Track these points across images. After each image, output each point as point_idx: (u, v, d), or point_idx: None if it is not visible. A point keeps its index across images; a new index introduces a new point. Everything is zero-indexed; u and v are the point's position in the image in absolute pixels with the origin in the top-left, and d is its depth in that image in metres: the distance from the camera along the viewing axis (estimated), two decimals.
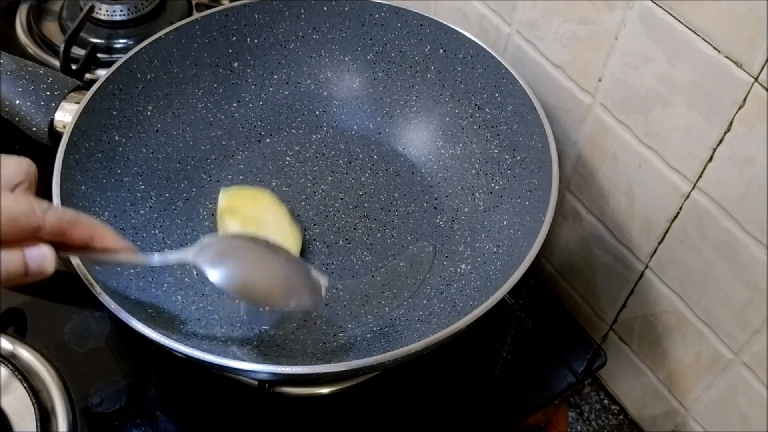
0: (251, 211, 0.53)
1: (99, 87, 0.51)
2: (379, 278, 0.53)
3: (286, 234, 0.52)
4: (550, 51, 0.51)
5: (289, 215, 0.54)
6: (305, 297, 0.43)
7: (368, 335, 0.50)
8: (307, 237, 0.55)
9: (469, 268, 0.52)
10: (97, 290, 0.41)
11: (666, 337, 0.51)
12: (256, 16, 0.58)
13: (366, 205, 0.57)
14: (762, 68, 0.37)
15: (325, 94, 0.62)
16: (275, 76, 0.61)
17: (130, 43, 0.69)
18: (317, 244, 0.55)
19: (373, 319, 0.51)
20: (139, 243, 0.51)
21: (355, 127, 0.62)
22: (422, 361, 0.43)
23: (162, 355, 0.53)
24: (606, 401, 0.59)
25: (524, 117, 0.52)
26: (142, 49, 0.54)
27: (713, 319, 0.46)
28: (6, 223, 0.33)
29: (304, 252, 0.54)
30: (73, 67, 0.64)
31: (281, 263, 0.43)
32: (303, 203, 0.57)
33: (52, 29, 0.73)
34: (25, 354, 0.51)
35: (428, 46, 0.58)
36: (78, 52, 0.66)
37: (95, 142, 0.51)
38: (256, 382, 0.47)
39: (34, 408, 0.47)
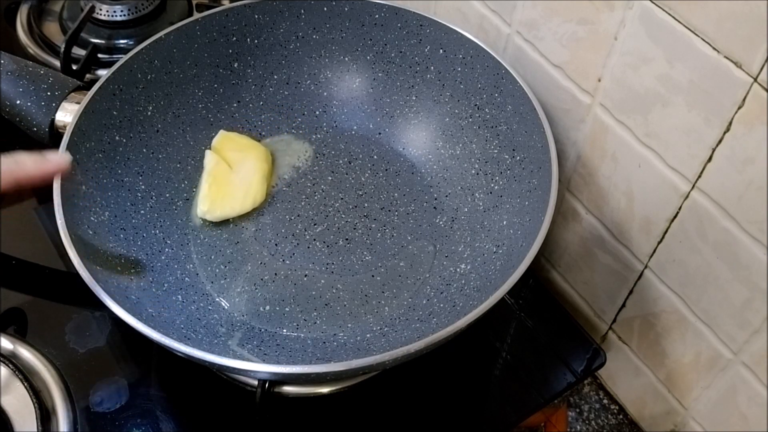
0: (233, 155, 0.57)
1: (99, 87, 0.51)
2: (379, 278, 0.53)
3: (251, 187, 0.57)
4: (550, 51, 0.51)
5: (266, 173, 0.58)
6: None
7: (368, 335, 0.50)
8: (307, 237, 0.55)
9: (468, 268, 0.52)
10: (97, 290, 0.41)
11: (665, 337, 0.51)
12: (256, 16, 0.58)
13: (366, 205, 0.57)
14: (761, 68, 0.37)
15: (325, 94, 0.62)
16: (275, 76, 0.61)
17: (131, 43, 0.69)
18: (317, 244, 0.55)
19: (373, 319, 0.51)
20: (139, 243, 0.51)
21: (355, 127, 0.62)
22: (422, 361, 0.43)
23: (162, 355, 0.53)
24: (605, 401, 0.59)
25: (524, 117, 0.52)
26: (142, 49, 0.54)
27: (713, 319, 0.46)
28: None
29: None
30: (74, 67, 0.64)
31: None
32: (303, 203, 0.57)
33: (52, 29, 0.73)
34: (26, 354, 0.51)
35: (428, 47, 0.58)
36: (78, 52, 0.66)
37: (96, 142, 0.51)
38: (256, 382, 0.47)
39: (35, 407, 0.47)
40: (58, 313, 0.55)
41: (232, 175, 0.56)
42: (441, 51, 0.57)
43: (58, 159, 0.45)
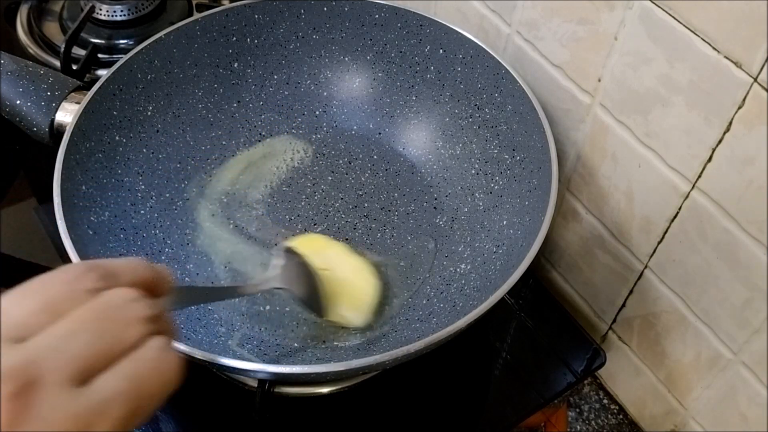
0: (318, 258, 0.51)
1: (99, 87, 0.51)
2: (379, 278, 0.53)
3: (363, 280, 0.52)
4: (550, 51, 0.51)
5: (360, 263, 0.53)
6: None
7: (368, 335, 0.50)
8: None
9: (468, 268, 0.52)
10: None
11: (665, 337, 0.51)
12: (257, 16, 0.58)
13: (366, 205, 0.57)
14: (761, 68, 0.37)
15: (325, 94, 0.62)
16: (275, 77, 0.61)
17: (131, 43, 0.69)
18: None
19: (373, 319, 0.51)
20: (139, 243, 0.51)
21: (355, 127, 0.62)
22: (422, 361, 0.43)
23: None
24: (605, 401, 0.59)
25: (524, 117, 0.52)
26: (142, 49, 0.54)
27: (713, 319, 0.46)
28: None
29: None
30: (74, 67, 0.64)
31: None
32: (303, 203, 0.57)
33: (52, 29, 0.73)
34: None
35: (428, 47, 0.58)
36: (78, 52, 0.66)
37: (96, 142, 0.51)
38: (256, 382, 0.47)
39: None
40: None
41: (338, 274, 0.51)
42: (441, 51, 0.57)
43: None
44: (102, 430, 0.22)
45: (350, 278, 0.51)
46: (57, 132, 0.52)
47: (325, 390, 0.49)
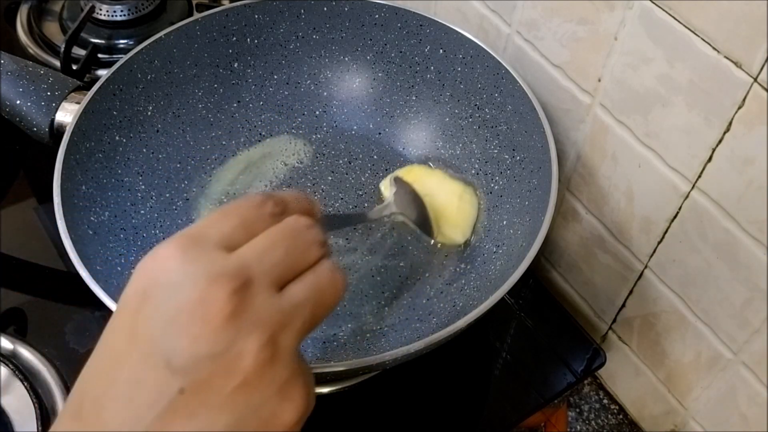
0: (421, 188, 0.56)
1: (99, 87, 0.51)
2: (379, 278, 0.53)
3: (461, 201, 0.56)
4: (550, 51, 0.51)
5: (456, 186, 0.57)
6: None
7: (368, 335, 0.50)
8: None
9: (468, 267, 0.52)
10: (97, 290, 0.41)
11: (665, 337, 0.51)
12: (257, 16, 0.58)
13: (366, 205, 0.57)
14: (761, 68, 0.37)
15: (325, 94, 0.62)
16: (275, 77, 0.61)
17: (131, 43, 0.69)
18: None
19: (373, 319, 0.51)
20: (139, 243, 0.51)
21: (355, 127, 0.62)
22: (422, 361, 0.43)
23: None
24: (605, 401, 0.59)
25: (524, 117, 0.52)
26: (142, 49, 0.54)
27: (713, 319, 0.46)
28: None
29: None
30: (74, 67, 0.64)
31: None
32: None
33: (52, 29, 0.73)
34: (26, 354, 0.51)
35: (428, 47, 0.58)
36: (78, 52, 0.66)
37: (96, 142, 0.51)
38: None
39: (35, 408, 0.47)
40: (58, 313, 0.55)
41: (440, 199, 0.56)
42: (441, 51, 0.57)
43: None
44: (294, 329, 0.27)
45: (449, 201, 0.56)
46: (57, 132, 0.52)
47: (325, 390, 0.49)
